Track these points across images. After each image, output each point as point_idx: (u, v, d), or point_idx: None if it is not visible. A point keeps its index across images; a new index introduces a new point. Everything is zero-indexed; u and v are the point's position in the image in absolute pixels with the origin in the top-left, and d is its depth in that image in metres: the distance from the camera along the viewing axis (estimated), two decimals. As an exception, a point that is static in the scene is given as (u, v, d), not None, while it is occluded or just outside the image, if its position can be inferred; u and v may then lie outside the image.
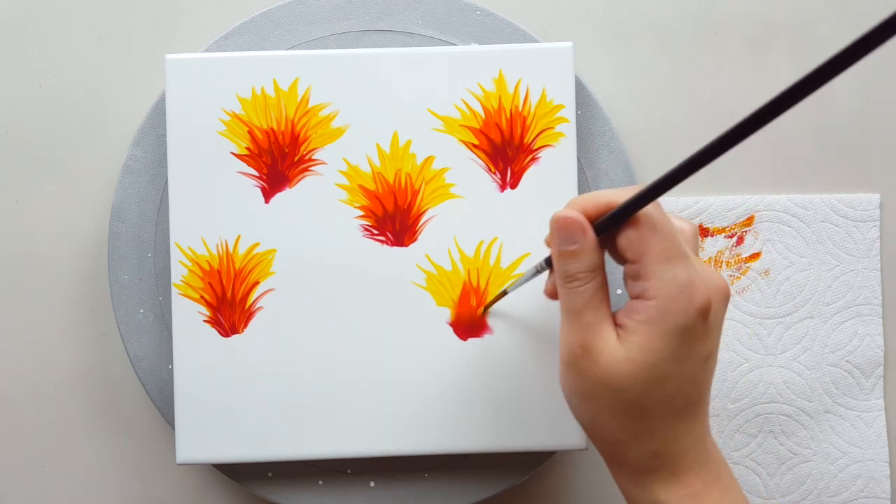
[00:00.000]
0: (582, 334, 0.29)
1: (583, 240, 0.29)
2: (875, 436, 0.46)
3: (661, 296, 0.27)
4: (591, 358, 0.29)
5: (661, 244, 0.28)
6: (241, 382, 0.41)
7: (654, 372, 0.28)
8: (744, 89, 0.47)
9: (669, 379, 0.28)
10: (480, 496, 0.43)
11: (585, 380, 0.29)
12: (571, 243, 0.29)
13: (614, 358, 0.28)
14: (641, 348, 0.28)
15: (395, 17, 0.44)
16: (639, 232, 0.28)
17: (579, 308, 0.29)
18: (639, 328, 0.28)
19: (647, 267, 0.28)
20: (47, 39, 0.46)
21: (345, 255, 0.41)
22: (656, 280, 0.28)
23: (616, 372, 0.28)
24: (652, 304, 0.28)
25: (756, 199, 0.46)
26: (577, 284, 0.29)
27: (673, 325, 0.27)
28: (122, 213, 0.44)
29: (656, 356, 0.28)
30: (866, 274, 0.47)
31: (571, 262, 0.29)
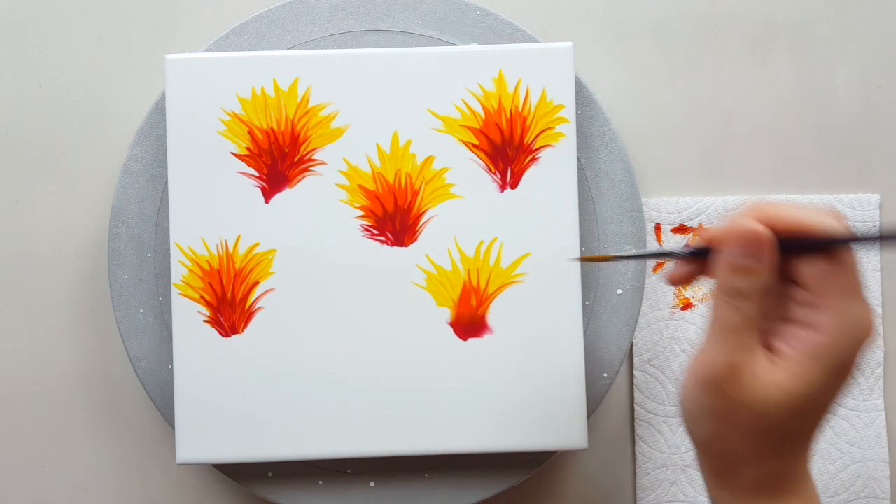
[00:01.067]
0: (733, 354, 0.27)
1: (764, 259, 0.27)
2: (875, 436, 0.46)
3: (836, 332, 0.26)
4: (738, 380, 0.27)
5: (849, 280, 0.27)
6: (241, 382, 0.41)
7: (803, 403, 0.27)
8: (744, 89, 0.47)
9: (815, 409, 0.28)
10: (480, 496, 0.43)
11: (724, 400, 0.28)
12: (753, 260, 0.27)
13: (765, 383, 0.27)
14: (797, 377, 0.27)
15: (395, 17, 0.44)
16: (832, 266, 0.27)
17: (738, 327, 0.27)
18: (799, 358, 0.27)
19: (828, 300, 0.27)
20: (47, 39, 0.46)
21: (345, 255, 0.41)
22: (835, 316, 0.27)
23: (765, 397, 0.27)
24: (821, 338, 0.27)
25: (756, 200, 0.46)
26: (743, 301, 0.27)
27: (840, 361, 0.27)
28: (122, 213, 0.44)
29: (811, 388, 0.27)
30: (866, 274, 0.47)
31: (744, 279, 0.27)
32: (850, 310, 0.26)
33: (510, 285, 0.41)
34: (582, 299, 0.41)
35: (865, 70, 0.47)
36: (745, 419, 0.27)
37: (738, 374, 0.27)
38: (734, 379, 0.27)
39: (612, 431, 0.46)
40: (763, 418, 0.27)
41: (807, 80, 0.47)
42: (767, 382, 0.27)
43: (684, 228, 0.46)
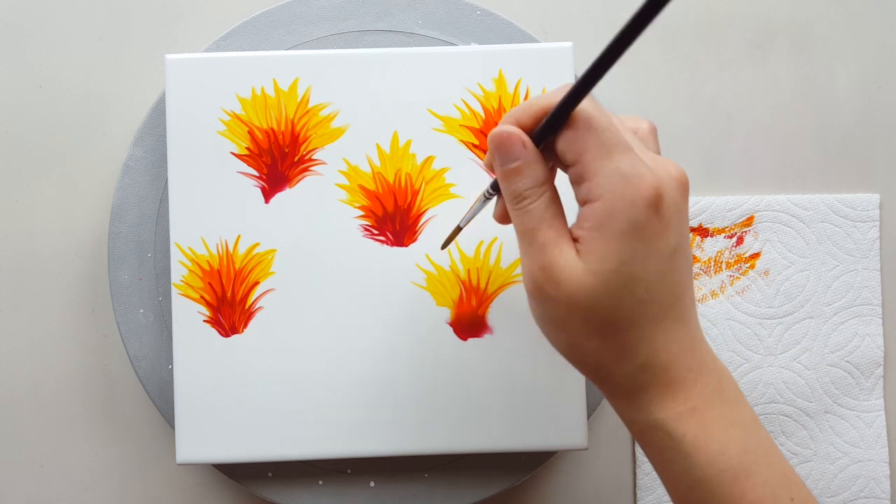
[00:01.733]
0: (540, 256, 0.27)
1: (524, 154, 0.27)
2: (875, 436, 0.46)
3: (605, 193, 0.26)
4: (554, 279, 0.27)
5: (599, 138, 0.26)
6: (241, 382, 0.41)
7: (617, 279, 0.26)
8: (744, 89, 0.47)
9: (637, 283, 0.26)
10: (480, 496, 0.43)
11: (553, 304, 0.27)
12: (513, 160, 0.27)
13: (576, 274, 0.26)
14: (599, 257, 0.26)
15: (395, 17, 0.44)
16: (575, 131, 0.26)
17: (533, 227, 0.27)
18: (592, 236, 0.26)
19: (588, 166, 0.26)
20: (47, 39, 0.46)
21: (345, 255, 0.41)
22: (598, 177, 0.26)
23: (581, 288, 0.26)
24: (598, 205, 0.26)
25: (756, 200, 0.46)
26: (526, 203, 0.27)
27: (624, 222, 0.25)
28: (122, 213, 0.44)
29: (615, 261, 0.26)
30: (866, 274, 0.47)
31: (517, 180, 0.27)
32: (609, 167, 0.25)
33: (510, 285, 0.41)
34: (582, 299, 0.41)
35: (865, 70, 0.47)
36: (578, 315, 0.27)
37: (552, 273, 0.27)
38: (550, 279, 0.27)
39: (612, 431, 0.47)
40: (590, 309, 0.26)
41: (807, 80, 0.47)
42: (578, 272, 0.26)
43: (684, 228, 0.46)
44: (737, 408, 0.28)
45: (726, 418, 0.27)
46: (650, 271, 0.26)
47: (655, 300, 0.27)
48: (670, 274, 0.27)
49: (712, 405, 0.27)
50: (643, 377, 0.27)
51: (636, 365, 0.27)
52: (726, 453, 0.27)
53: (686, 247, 0.28)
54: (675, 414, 0.27)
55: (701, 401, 0.27)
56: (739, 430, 0.28)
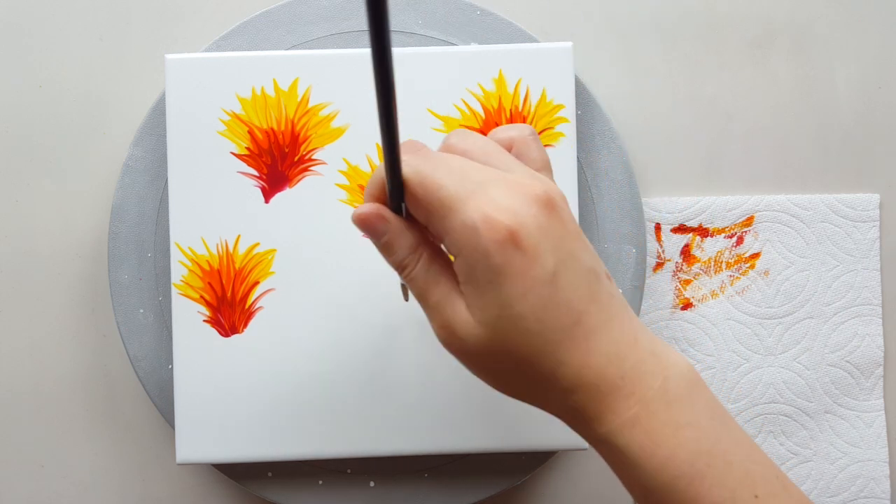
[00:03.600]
0: (436, 316, 0.27)
1: (387, 227, 0.27)
2: (875, 436, 0.46)
3: (462, 249, 0.25)
4: (455, 336, 0.27)
5: (436, 197, 0.26)
6: (241, 382, 0.41)
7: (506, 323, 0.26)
8: (744, 89, 0.47)
9: (523, 319, 0.26)
10: (480, 496, 0.43)
11: (465, 358, 0.28)
12: (381, 235, 0.28)
13: (470, 328, 0.26)
14: (480, 308, 0.26)
15: (395, 17, 0.44)
16: (411, 195, 0.26)
17: (422, 291, 0.28)
18: (467, 290, 0.26)
19: (437, 226, 0.26)
20: (47, 39, 0.46)
21: (345, 255, 0.41)
22: (450, 234, 0.26)
23: (478, 341, 0.26)
24: (459, 261, 0.26)
25: (756, 200, 0.46)
26: (408, 271, 0.28)
27: (485, 272, 0.25)
28: (122, 213, 0.44)
29: (495, 308, 0.26)
30: (866, 274, 0.47)
31: (391, 253, 0.28)
32: (456, 222, 0.25)
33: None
34: (582, 299, 0.41)
35: (865, 70, 0.47)
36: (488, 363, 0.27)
37: (451, 331, 0.27)
38: (452, 335, 0.27)
39: (612, 431, 0.46)
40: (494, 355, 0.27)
41: (807, 80, 0.47)
42: (469, 325, 0.26)
43: (684, 228, 0.46)
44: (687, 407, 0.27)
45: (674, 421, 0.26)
46: (532, 303, 0.26)
47: (550, 326, 0.26)
48: (557, 296, 0.26)
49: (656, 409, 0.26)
50: (576, 398, 0.27)
51: (563, 389, 0.27)
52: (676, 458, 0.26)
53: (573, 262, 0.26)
54: (616, 427, 0.26)
55: (641, 407, 0.26)
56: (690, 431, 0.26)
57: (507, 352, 0.26)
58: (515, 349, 0.26)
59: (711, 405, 0.27)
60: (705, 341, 0.46)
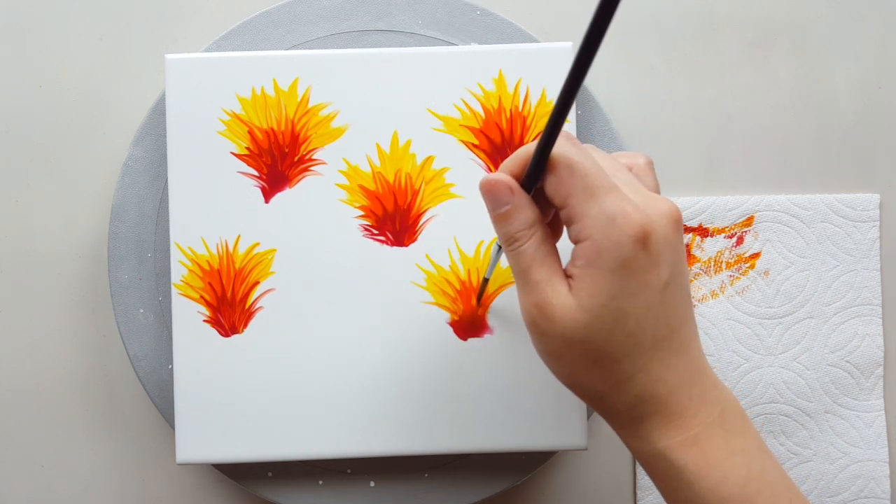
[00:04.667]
0: (534, 294, 0.28)
1: (512, 198, 0.28)
2: (875, 436, 0.46)
3: (593, 233, 0.27)
4: (548, 316, 0.28)
5: (581, 182, 0.27)
6: (241, 382, 0.41)
7: (609, 314, 0.27)
8: (744, 89, 0.47)
9: (627, 317, 0.27)
10: (480, 496, 0.43)
11: (550, 339, 0.28)
12: (502, 205, 0.28)
13: (568, 310, 0.27)
14: (589, 294, 0.27)
15: (395, 17, 0.44)
16: (558, 176, 0.27)
17: (525, 267, 0.28)
18: (582, 273, 0.27)
19: (575, 209, 0.27)
20: (47, 39, 0.46)
21: (345, 255, 0.41)
22: (585, 218, 0.27)
23: (573, 324, 0.27)
24: (587, 244, 0.27)
25: (756, 199, 0.46)
26: (518, 245, 0.28)
27: (611, 260, 0.26)
28: (122, 213, 0.44)
29: (605, 297, 0.27)
30: (866, 274, 0.47)
31: (507, 224, 0.29)
32: (595, 209, 0.27)
33: (510, 285, 0.41)
34: (582, 299, 0.41)
35: (865, 70, 0.47)
36: (573, 351, 0.28)
37: (546, 310, 0.28)
38: (545, 316, 0.28)
39: (611, 431, 0.46)
40: (584, 344, 0.27)
41: (807, 80, 0.47)
42: (570, 308, 0.27)
43: (684, 228, 0.46)
44: (740, 436, 0.28)
45: (729, 447, 0.28)
46: (640, 305, 0.27)
47: (647, 332, 0.27)
48: (662, 306, 0.27)
49: (714, 434, 0.28)
50: (643, 408, 0.28)
51: (634, 396, 0.28)
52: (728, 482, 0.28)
53: (682, 280, 0.28)
54: (675, 443, 0.28)
55: (702, 430, 0.28)
56: (742, 458, 0.28)
57: (597, 343, 0.27)
58: (606, 343, 0.27)
59: (759, 439, 0.29)
60: (705, 341, 0.46)
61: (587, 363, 0.28)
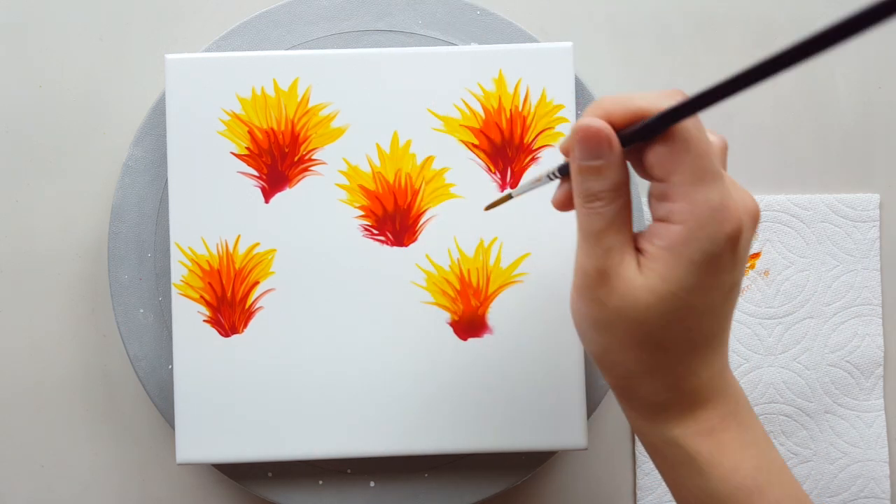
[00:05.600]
0: (600, 259, 0.26)
1: (608, 155, 0.25)
2: (875, 436, 0.46)
3: (689, 220, 0.25)
4: (609, 285, 0.26)
5: (694, 162, 0.24)
6: (241, 382, 0.41)
7: (674, 303, 0.26)
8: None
9: (691, 311, 0.26)
10: (480, 496, 0.43)
11: (600, 308, 0.27)
12: (596, 158, 0.26)
13: (633, 286, 0.26)
14: (663, 277, 0.25)
15: (395, 17, 0.44)
16: (671, 148, 0.25)
17: (599, 230, 0.26)
18: (661, 255, 0.25)
19: (677, 188, 0.25)
20: (47, 39, 0.46)
21: (345, 255, 0.41)
22: (686, 202, 0.25)
23: (634, 301, 0.26)
24: (677, 228, 0.25)
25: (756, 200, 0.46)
26: (599, 205, 0.26)
27: (699, 252, 0.25)
28: (122, 213, 0.44)
29: (678, 286, 0.25)
30: (866, 274, 0.47)
31: (594, 180, 0.26)
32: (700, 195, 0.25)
33: (510, 285, 0.41)
34: (582, 299, 0.41)
35: (865, 70, 0.47)
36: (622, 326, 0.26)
37: (609, 279, 0.26)
38: (605, 284, 0.26)
39: (612, 431, 0.46)
40: (637, 323, 0.26)
41: (807, 80, 0.47)
42: (636, 285, 0.26)
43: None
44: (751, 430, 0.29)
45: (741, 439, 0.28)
46: (706, 303, 0.26)
47: (702, 330, 0.27)
48: (723, 307, 0.27)
49: (728, 426, 0.28)
50: (668, 395, 0.28)
51: (665, 384, 0.28)
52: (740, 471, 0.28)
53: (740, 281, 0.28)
54: (692, 432, 0.28)
55: (718, 421, 0.28)
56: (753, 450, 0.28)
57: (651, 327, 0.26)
58: (661, 330, 0.26)
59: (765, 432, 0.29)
60: (705, 341, 0.46)
61: (631, 342, 0.27)
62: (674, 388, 0.28)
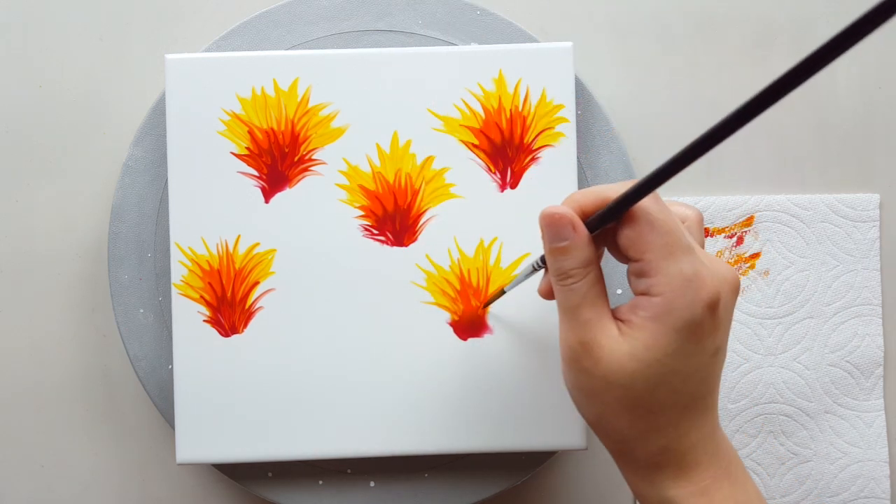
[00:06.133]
0: (581, 332, 0.28)
1: (573, 235, 0.28)
2: (875, 436, 0.46)
3: (667, 292, 0.27)
4: (593, 355, 0.28)
5: (662, 239, 0.27)
6: (241, 382, 0.41)
7: (659, 368, 0.27)
8: (744, 89, 0.47)
9: (676, 375, 0.28)
10: (480, 496, 0.43)
11: (588, 377, 0.28)
12: (561, 240, 0.28)
13: (617, 355, 0.28)
14: (647, 345, 0.27)
15: (395, 17, 0.44)
16: (637, 229, 0.27)
17: (575, 305, 0.29)
18: (644, 324, 0.27)
19: (651, 264, 0.27)
20: (47, 39, 0.46)
21: (345, 255, 0.41)
22: (661, 276, 0.27)
23: (620, 368, 0.28)
24: (658, 300, 0.27)
25: (756, 199, 0.46)
26: (571, 281, 0.29)
27: (680, 320, 0.27)
28: (122, 213, 0.44)
29: (662, 352, 0.27)
30: (866, 274, 0.47)
31: (563, 259, 0.28)
32: (672, 268, 0.27)
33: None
34: (582, 299, 0.41)
35: (865, 70, 0.47)
36: (612, 393, 0.28)
37: (592, 350, 0.28)
38: (589, 355, 0.28)
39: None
40: (625, 389, 0.28)
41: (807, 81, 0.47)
42: (619, 353, 0.28)
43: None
44: (744, 488, 0.30)
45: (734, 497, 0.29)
46: (691, 366, 0.28)
47: (689, 392, 0.28)
48: (708, 369, 0.28)
49: (721, 485, 0.29)
50: (662, 458, 0.29)
51: (658, 446, 0.29)
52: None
53: (726, 345, 0.29)
54: (687, 493, 0.29)
55: (712, 482, 0.29)
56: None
57: (638, 392, 0.28)
58: (648, 394, 0.28)
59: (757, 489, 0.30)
60: (705, 341, 0.46)
61: (621, 408, 0.28)
62: (667, 451, 0.29)
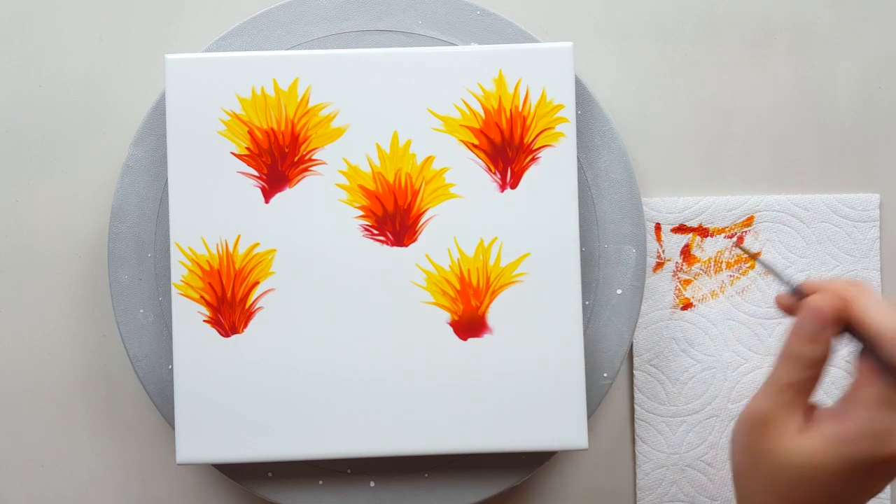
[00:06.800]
0: (773, 406, 0.30)
1: (822, 336, 0.30)
2: (875, 436, 0.46)
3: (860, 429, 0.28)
4: (769, 429, 0.30)
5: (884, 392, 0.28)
6: (241, 382, 0.41)
7: (815, 475, 0.29)
8: (744, 89, 0.47)
9: (825, 488, 0.29)
10: (480, 496, 0.43)
11: (752, 442, 0.30)
12: (812, 329, 0.30)
13: (787, 441, 0.29)
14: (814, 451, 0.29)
15: (395, 17, 0.44)
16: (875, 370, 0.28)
17: (784, 386, 0.30)
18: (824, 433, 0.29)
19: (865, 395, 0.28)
20: (47, 39, 0.46)
21: (345, 255, 0.41)
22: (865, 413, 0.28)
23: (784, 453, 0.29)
24: (847, 428, 0.28)
25: (756, 200, 0.46)
26: (797, 366, 0.30)
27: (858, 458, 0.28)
28: (122, 213, 0.44)
29: (824, 467, 0.28)
30: (866, 274, 0.47)
31: (803, 345, 0.30)
32: (878, 416, 0.28)
33: (510, 285, 0.41)
34: (582, 299, 0.41)
35: (865, 70, 0.47)
36: (763, 466, 0.30)
37: (771, 424, 0.30)
38: (765, 426, 0.30)
39: (612, 431, 0.46)
40: (776, 471, 0.29)
41: (807, 80, 0.47)
42: (791, 441, 0.29)
43: (684, 228, 0.46)
44: None
45: None
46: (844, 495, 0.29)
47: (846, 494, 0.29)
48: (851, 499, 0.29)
49: None
50: None
51: None
52: None
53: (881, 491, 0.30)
54: None
55: None
56: None
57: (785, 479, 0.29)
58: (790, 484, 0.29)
59: None
60: (705, 341, 0.46)
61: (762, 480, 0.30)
62: None
